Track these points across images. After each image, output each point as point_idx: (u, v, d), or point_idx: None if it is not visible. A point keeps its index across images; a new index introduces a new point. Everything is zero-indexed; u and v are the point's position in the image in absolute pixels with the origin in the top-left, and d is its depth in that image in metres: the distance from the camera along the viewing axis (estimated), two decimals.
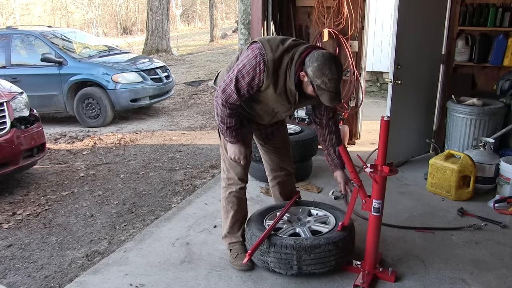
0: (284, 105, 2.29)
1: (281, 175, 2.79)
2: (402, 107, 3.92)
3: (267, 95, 2.23)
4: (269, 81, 2.14)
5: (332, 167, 2.53)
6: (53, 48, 6.51)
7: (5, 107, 3.84)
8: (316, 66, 2.01)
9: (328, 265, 2.31)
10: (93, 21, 27.73)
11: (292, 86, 2.15)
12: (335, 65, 2.02)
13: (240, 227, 2.63)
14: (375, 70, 7.63)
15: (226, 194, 2.58)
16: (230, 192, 2.56)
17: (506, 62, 3.94)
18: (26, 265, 2.79)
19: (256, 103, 2.34)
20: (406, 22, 3.69)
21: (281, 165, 2.76)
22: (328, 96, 2.05)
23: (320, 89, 2.05)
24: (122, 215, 3.50)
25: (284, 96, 2.22)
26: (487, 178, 3.46)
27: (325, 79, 2.01)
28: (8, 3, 24.32)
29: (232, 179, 2.55)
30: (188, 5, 31.25)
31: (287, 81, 2.15)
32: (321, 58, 2.02)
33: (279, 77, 2.15)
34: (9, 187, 4.13)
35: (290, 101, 2.25)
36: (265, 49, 2.11)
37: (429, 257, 2.62)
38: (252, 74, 2.13)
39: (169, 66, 8.82)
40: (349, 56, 4.48)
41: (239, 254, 2.54)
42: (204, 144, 5.47)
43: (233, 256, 2.57)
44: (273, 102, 2.28)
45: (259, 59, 2.11)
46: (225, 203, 2.60)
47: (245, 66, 2.15)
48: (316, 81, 2.03)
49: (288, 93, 2.20)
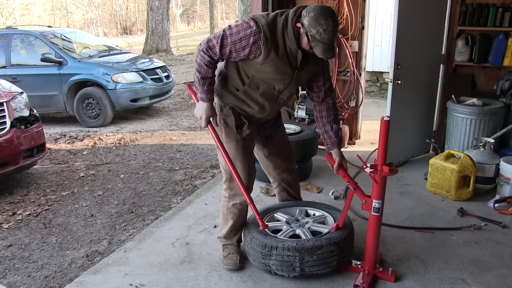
0: (286, 73, 2.21)
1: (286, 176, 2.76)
2: (402, 107, 3.92)
3: (268, 67, 2.17)
4: (269, 47, 2.09)
5: (329, 145, 2.43)
6: (53, 48, 6.51)
7: (5, 107, 3.84)
8: (312, 16, 1.99)
9: (330, 265, 2.31)
10: (93, 21, 27.73)
11: (293, 45, 2.12)
12: (331, 17, 2.01)
13: (237, 233, 2.60)
14: (375, 70, 7.63)
15: (229, 205, 2.51)
16: (233, 204, 2.50)
17: (506, 62, 3.93)
18: (26, 265, 2.79)
19: (256, 88, 2.28)
20: (406, 22, 3.68)
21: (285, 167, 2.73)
22: (322, 48, 2.02)
23: (314, 39, 2.02)
24: (122, 215, 3.50)
25: (287, 61, 2.17)
26: (487, 178, 3.46)
27: (320, 29, 1.99)
28: (8, 3, 24.32)
29: (234, 189, 2.47)
30: (188, 5, 31.26)
31: (287, 42, 2.12)
32: (318, 9, 2.01)
33: (277, 40, 2.10)
34: (9, 187, 4.13)
35: (293, 65, 2.19)
36: (257, 18, 2.10)
37: (429, 257, 2.62)
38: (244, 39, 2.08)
39: (169, 66, 8.82)
40: (349, 56, 4.48)
41: (230, 254, 2.54)
42: (204, 144, 5.47)
43: (224, 254, 2.57)
44: (276, 74, 2.21)
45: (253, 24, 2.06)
46: (226, 212, 2.54)
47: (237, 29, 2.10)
48: (311, 31, 2.01)
49: (290, 56, 2.16)
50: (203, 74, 2.22)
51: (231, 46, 2.11)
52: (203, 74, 2.22)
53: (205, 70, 2.21)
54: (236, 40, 2.09)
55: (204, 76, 2.23)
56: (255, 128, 2.50)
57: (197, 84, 2.26)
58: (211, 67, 2.22)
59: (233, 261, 2.51)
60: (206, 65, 2.19)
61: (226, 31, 2.12)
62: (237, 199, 2.48)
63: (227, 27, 2.15)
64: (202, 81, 2.24)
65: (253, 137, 2.51)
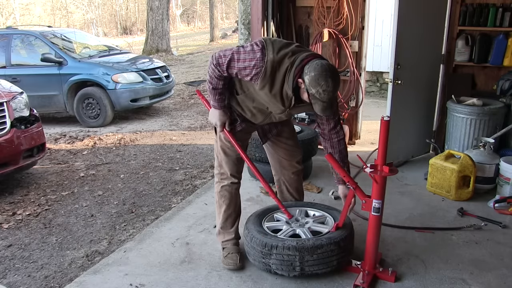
0: (278, 107, 2.31)
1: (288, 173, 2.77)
2: (402, 107, 3.92)
3: (262, 94, 2.26)
4: (265, 82, 2.18)
5: (335, 181, 2.56)
6: (53, 48, 6.51)
7: (5, 107, 3.85)
8: (313, 76, 2.05)
9: (330, 265, 2.31)
10: (93, 21, 27.73)
11: (289, 91, 2.18)
12: (332, 78, 2.05)
13: (233, 223, 2.65)
14: (375, 70, 7.63)
15: (219, 189, 2.62)
16: (222, 186, 2.60)
17: (506, 62, 3.93)
18: (26, 265, 2.79)
19: (251, 101, 2.38)
20: (406, 22, 3.68)
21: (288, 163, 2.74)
22: (320, 106, 2.10)
23: (314, 98, 2.09)
24: (122, 215, 3.50)
25: (279, 99, 2.25)
26: (487, 178, 3.46)
27: (319, 90, 2.05)
28: (8, 3, 24.32)
29: (225, 174, 2.59)
30: (188, 5, 31.25)
31: (285, 85, 2.18)
32: (319, 69, 2.05)
33: (275, 79, 2.18)
34: (9, 187, 4.13)
35: (285, 104, 2.28)
36: (267, 49, 2.15)
37: (429, 257, 2.62)
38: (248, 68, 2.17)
39: (169, 66, 8.82)
40: (349, 56, 4.48)
41: (229, 254, 2.56)
42: (204, 144, 5.47)
43: (224, 255, 2.59)
44: (267, 103, 2.31)
45: (259, 56, 2.14)
46: (217, 197, 2.64)
47: (244, 56, 2.18)
48: (311, 89, 2.07)
49: (284, 96, 2.24)
50: (214, 85, 2.35)
51: (236, 70, 2.22)
52: (214, 85, 2.35)
53: (216, 82, 2.33)
54: (241, 67, 2.20)
55: (215, 87, 2.35)
56: (250, 126, 2.56)
57: (209, 93, 2.40)
58: (221, 80, 2.32)
59: (233, 260, 2.52)
60: (216, 78, 2.31)
61: (234, 55, 2.20)
62: (225, 181, 2.59)
63: (237, 49, 2.23)
64: (213, 91, 2.37)
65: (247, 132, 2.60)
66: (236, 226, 2.66)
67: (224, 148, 2.54)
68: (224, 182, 2.60)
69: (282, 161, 2.74)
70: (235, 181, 2.60)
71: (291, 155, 2.72)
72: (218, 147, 2.56)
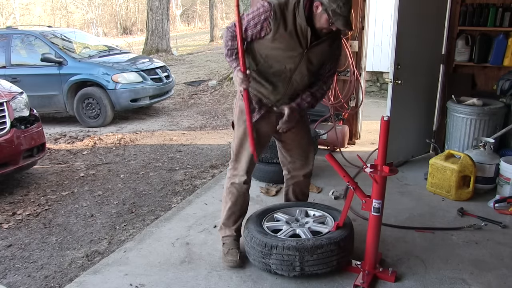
0: (296, 50, 2.31)
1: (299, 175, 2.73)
2: (402, 107, 3.92)
3: (278, 42, 2.29)
4: (278, 23, 2.25)
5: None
6: (53, 48, 6.51)
7: (5, 107, 3.84)
8: None
9: (330, 265, 2.31)
10: (93, 21, 27.73)
11: (303, 22, 2.24)
12: None
13: (236, 221, 2.65)
14: (375, 70, 7.63)
15: (228, 185, 2.62)
16: (232, 182, 2.60)
17: (506, 62, 3.93)
18: (26, 265, 2.79)
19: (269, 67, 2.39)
20: (406, 22, 3.68)
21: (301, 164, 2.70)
22: (343, 20, 2.17)
23: (335, 14, 2.16)
24: (122, 215, 3.50)
25: (295, 37, 2.28)
26: (487, 178, 3.46)
27: (340, 3, 2.14)
28: (8, 3, 24.32)
29: (238, 170, 2.58)
30: (188, 5, 31.26)
31: (297, 19, 2.26)
32: None
33: (287, 17, 2.25)
34: (9, 187, 4.13)
35: (302, 43, 2.30)
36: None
37: (429, 257, 2.62)
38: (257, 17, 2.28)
39: (169, 66, 8.82)
40: (349, 56, 4.47)
41: (230, 250, 2.57)
42: (204, 144, 5.47)
43: (224, 251, 2.61)
44: (286, 51, 2.32)
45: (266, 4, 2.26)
46: (225, 193, 2.65)
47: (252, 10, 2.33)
48: (331, 6, 2.14)
49: (299, 32, 2.27)
50: (229, 46, 2.43)
51: (246, 24, 2.31)
52: (229, 46, 2.43)
53: (230, 44, 2.42)
54: (250, 18, 2.30)
55: (230, 47, 2.43)
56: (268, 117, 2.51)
57: (228, 57, 2.48)
58: (235, 40, 2.39)
59: (234, 257, 2.53)
60: (230, 39, 2.41)
61: (244, 14, 2.36)
62: (235, 179, 2.58)
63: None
64: (229, 52, 2.45)
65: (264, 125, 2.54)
66: (239, 224, 2.66)
67: (243, 142, 2.52)
68: (235, 179, 2.58)
69: (295, 162, 2.70)
70: (246, 180, 2.57)
71: (304, 155, 2.68)
72: (236, 141, 2.56)
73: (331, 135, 4.50)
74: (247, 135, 2.46)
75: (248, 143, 2.48)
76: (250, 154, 2.51)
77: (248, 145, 2.48)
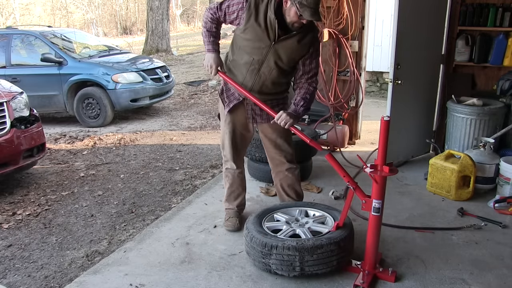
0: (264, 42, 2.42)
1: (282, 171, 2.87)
2: (402, 107, 3.92)
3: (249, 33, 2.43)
4: (250, 13, 2.39)
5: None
6: (53, 48, 6.51)
7: (5, 107, 3.84)
8: None
9: (330, 265, 2.31)
10: (93, 21, 27.71)
11: (272, 15, 2.36)
12: None
13: (236, 198, 2.99)
14: (375, 70, 7.63)
15: (224, 169, 2.96)
16: (226, 168, 2.92)
17: (506, 62, 3.94)
18: (26, 265, 2.79)
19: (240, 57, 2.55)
20: (406, 22, 3.68)
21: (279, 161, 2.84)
22: (310, 11, 2.26)
23: (302, 5, 2.25)
24: (122, 215, 3.50)
25: (264, 28, 2.39)
26: (487, 178, 3.46)
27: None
28: (8, 3, 24.30)
29: (226, 156, 2.87)
30: (188, 5, 31.24)
31: (268, 11, 2.37)
32: None
33: (259, 9, 2.39)
34: (9, 187, 4.13)
35: (270, 35, 2.40)
36: None
37: (429, 257, 2.62)
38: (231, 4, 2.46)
39: (169, 66, 8.82)
40: (349, 56, 4.48)
41: (230, 218, 2.96)
42: (204, 144, 5.47)
43: (225, 219, 3.00)
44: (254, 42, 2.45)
45: None
46: (223, 177, 3.00)
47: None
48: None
49: (268, 25, 2.38)
50: (207, 27, 2.61)
51: (225, 8, 2.49)
52: (207, 27, 2.61)
53: (209, 25, 2.60)
54: (229, 4, 2.48)
55: (208, 29, 2.61)
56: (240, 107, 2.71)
57: (204, 37, 2.65)
58: (214, 23, 2.59)
59: (232, 223, 2.91)
60: (209, 21, 2.58)
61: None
62: (228, 164, 2.90)
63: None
64: (207, 33, 2.62)
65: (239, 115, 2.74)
66: (240, 200, 3.00)
67: (226, 132, 2.78)
68: (227, 164, 2.90)
69: (274, 159, 2.87)
70: (234, 167, 2.87)
71: (280, 152, 2.80)
72: (222, 131, 2.82)
73: (331, 135, 4.50)
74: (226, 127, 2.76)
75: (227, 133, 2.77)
76: (233, 143, 2.79)
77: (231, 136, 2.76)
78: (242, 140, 2.85)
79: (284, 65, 2.50)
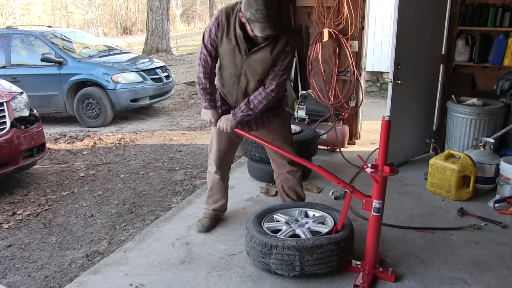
0: (237, 56, 2.41)
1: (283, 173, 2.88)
2: (402, 107, 3.92)
3: (224, 49, 2.42)
4: (223, 28, 2.36)
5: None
6: (53, 48, 6.51)
7: (5, 107, 3.84)
8: (244, 1, 2.18)
9: (330, 265, 2.31)
10: (93, 21, 27.71)
11: (238, 29, 2.31)
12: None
13: (213, 202, 3.02)
14: (375, 70, 7.63)
15: (207, 171, 3.03)
16: (208, 170, 3.00)
17: (506, 62, 3.93)
18: (26, 265, 2.79)
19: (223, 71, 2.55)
20: (406, 22, 3.68)
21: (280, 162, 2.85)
22: (259, 27, 2.19)
23: (251, 21, 2.19)
24: (122, 215, 3.50)
25: (235, 43, 2.37)
26: (487, 178, 3.46)
27: (252, 11, 2.15)
28: (8, 3, 24.30)
29: (210, 159, 2.93)
30: (188, 5, 31.23)
31: (236, 27, 2.33)
32: None
33: (230, 23, 2.35)
34: (9, 187, 4.13)
35: (241, 49, 2.38)
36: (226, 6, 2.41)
37: (429, 257, 2.62)
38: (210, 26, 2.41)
39: (169, 66, 8.82)
40: (349, 56, 4.48)
41: (203, 218, 3.00)
42: (204, 144, 5.47)
43: (200, 217, 3.03)
44: (230, 56, 2.43)
45: (218, 12, 2.39)
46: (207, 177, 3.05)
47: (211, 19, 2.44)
48: (246, 15, 2.19)
49: (238, 40, 2.35)
50: (202, 86, 2.55)
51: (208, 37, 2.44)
52: (202, 86, 2.55)
53: (203, 82, 2.53)
54: (207, 29, 2.44)
55: (203, 88, 2.56)
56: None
57: (200, 95, 2.63)
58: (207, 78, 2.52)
59: (203, 224, 2.94)
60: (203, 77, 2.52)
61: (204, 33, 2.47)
62: (210, 167, 2.96)
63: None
64: (202, 91, 2.58)
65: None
66: (217, 206, 3.02)
67: (214, 136, 2.84)
68: (210, 167, 2.95)
69: (274, 160, 2.88)
70: (217, 171, 2.90)
71: (280, 155, 2.80)
72: (211, 134, 2.88)
73: (331, 135, 4.50)
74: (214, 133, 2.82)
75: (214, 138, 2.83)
76: (218, 148, 2.83)
77: (218, 140, 2.81)
78: (229, 145, 2.86)
79: (261, 76, 2.46)
